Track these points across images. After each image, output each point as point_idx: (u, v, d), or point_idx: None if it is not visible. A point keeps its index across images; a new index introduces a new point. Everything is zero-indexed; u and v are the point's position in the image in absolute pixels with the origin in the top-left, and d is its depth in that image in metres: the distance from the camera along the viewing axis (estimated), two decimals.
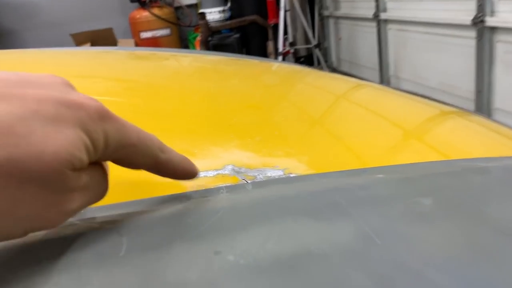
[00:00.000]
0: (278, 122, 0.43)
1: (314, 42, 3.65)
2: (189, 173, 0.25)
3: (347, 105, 0.53)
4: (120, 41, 4.20)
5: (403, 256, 0.20)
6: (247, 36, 3.87)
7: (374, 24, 3.02)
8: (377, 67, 3.08)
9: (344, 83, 0.67)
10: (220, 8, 4.02)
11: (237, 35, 3.77)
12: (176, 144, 0.36)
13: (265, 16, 3.80)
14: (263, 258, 0.19)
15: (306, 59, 3.99)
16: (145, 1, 4.13)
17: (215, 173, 0.30)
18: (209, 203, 0.25)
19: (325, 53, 4.00)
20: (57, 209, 0.18)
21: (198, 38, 3.78)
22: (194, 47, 4.20)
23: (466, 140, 0.44)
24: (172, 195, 0.27)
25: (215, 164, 0.32)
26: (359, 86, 0.64)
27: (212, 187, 0.28)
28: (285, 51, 3.49)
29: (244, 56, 1.02)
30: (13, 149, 0.16)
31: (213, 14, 3.93)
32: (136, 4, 4.22)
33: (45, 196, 0.17)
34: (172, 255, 0.19)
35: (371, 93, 0.60)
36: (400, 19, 2.74)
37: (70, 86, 0.20)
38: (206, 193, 0.27)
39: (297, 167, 0.32)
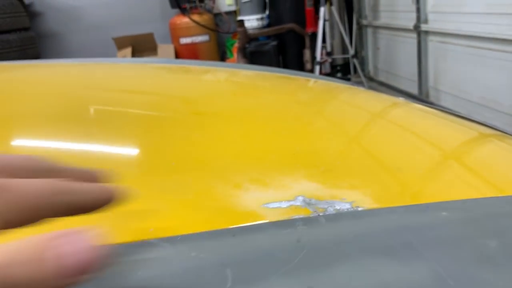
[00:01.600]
0: (339, 151, 0.45)
1: (351, 51, 3.64)
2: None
3: (404, 134, 0.54)
4: (160, 46, 4.32)
5: None
6: (284, 44, 3.90)
7: (414, 35, 2.99)
8: (415, 78, 3.05)
9: (401, 108, 0.68)
10: (259, 16, 4.07)
11: (274, 43, 3.81)
12: (248, 172, 0.39)
13: (302, 24, 3.81)
14: None
15: (343, 68, 3.98)
16: (185, 8, 4.23)
17: (288, 204, 0.33)
18: (291, 237, 0.28)
19: (362, 62, 3.98)
20: None
21: (236, 44, 3.84)
22: (231, 54, 4.26)
23: None
24: (253, 225, 0.30)
25: (287, 194, 0.34)
26: (418, 112, 0.66)
27: (287, 219, 0.31)
28: (323, 60, 3.49)
29: (288, 71, 1.05)
30: None
31: (252, 22, 3.99)
32: (176, 10, 4.33)
33: None
34: None
35: (430, 120, 0.62)
36: (442, 31, 2.70)
37: None
38: (283, 225, 0.30)
39: (363, 200, 0.34)
